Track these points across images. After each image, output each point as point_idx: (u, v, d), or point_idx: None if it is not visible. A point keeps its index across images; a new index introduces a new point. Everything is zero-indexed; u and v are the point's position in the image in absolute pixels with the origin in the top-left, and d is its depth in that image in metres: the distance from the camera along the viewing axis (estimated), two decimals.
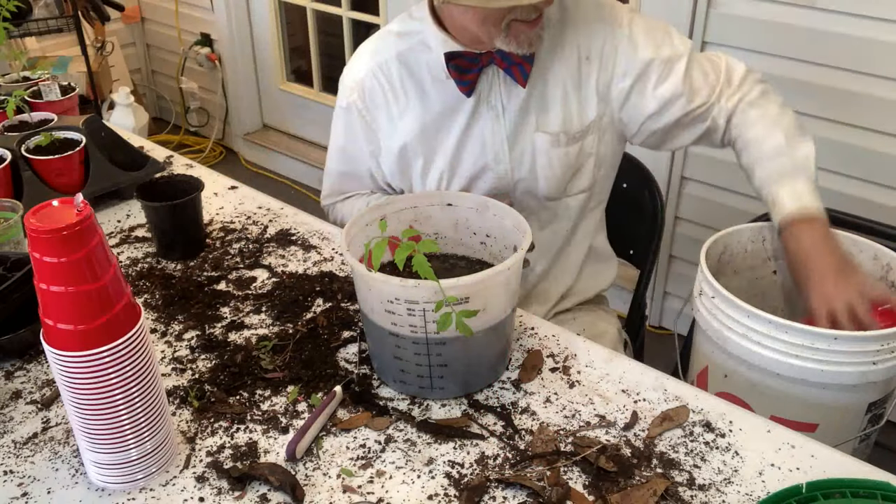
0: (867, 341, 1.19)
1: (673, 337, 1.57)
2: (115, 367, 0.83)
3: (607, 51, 1.28)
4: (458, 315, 0.89)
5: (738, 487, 0.90)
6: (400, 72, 1.33)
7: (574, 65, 1.29)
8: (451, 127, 1.33)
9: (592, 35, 1.28)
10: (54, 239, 0.76)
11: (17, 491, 0.91)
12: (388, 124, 1.36)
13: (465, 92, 1.28)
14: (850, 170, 2.04)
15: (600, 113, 1.32)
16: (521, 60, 1.24)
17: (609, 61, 1.29)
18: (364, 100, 1.36)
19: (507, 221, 1.11)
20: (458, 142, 1.33)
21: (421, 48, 1.31)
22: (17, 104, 1.54)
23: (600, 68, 1.29)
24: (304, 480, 0.92)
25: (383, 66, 1.33)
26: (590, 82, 1.30)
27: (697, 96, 1.30)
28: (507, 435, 0.98)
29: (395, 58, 1.33)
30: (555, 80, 1.30)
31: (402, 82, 1.33)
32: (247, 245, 1.40)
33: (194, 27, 3.79)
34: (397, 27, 1.35)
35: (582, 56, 1.29)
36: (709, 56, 1.35)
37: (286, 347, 1.13)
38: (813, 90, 2.02)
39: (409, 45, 1.32)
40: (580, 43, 1.28)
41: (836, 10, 1.92)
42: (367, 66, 1.35)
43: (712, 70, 1.33)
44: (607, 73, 1.29)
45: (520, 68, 1.25)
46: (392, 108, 1.35)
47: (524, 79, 1.26)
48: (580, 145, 1.33)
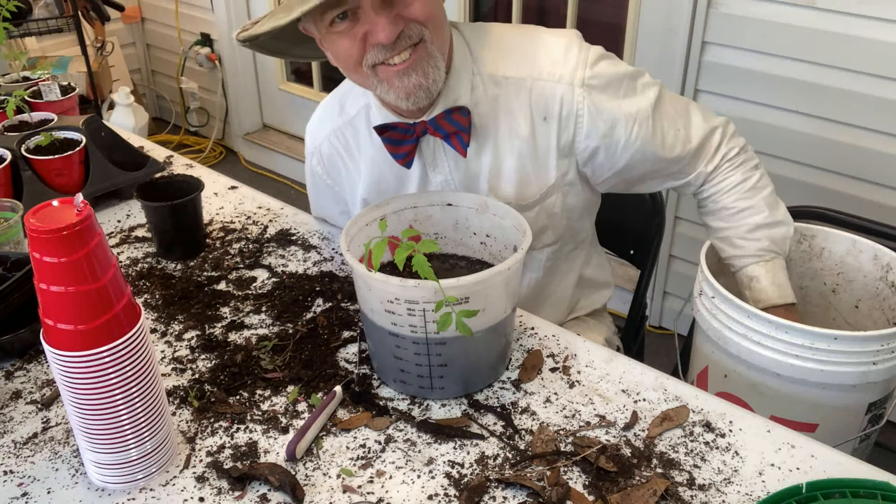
0: (867, 341, 1.19)
1: (673, 337, 1.57)
2: (115, 367, 0.83)
3: (566, 112, 1.19)
4: (458, 315, 0.89)
5: (738, 487, 0.90)
6: (354, 136, 1.30)
7: (528, 127, 1.20)
8: (403, 192, 1.29)
9: (549, 94, 1.18)
10: (54, 239, 0.76)
11: (17, 491, 0.91)
12: (350, 186, 1.35)
13: (403, 164, 1.23)
14: (849, 169, 2.04)
15: (562, 171, 1.24)
16: (457, 130, 1.17)
17: (569, 123, 1.19)
18: (324, 165, 1.36)
19: (507, 221, 1.11)
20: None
21: (367, 113, 1.27)
22: (17, 104, 1.54)
23: (560, 129, 1.20)
24: (304, 480, 0.92)
25: (337, 132, 1.32)
26: (549, 142, 1.21)
27: (670, 152, 1.23)
28: (507, 435, 0.98)
29: (349, 122, 1.30)
30: (506, 148, 1.22)
31: (357, 146, 1.31)
32: (247, 245, 1.40)
33: (194, 27, 3.80)
34: (345, 89, 1.32)
35: (537, 116, 1.20)
36: (676, 103, 1.26)
37: (286, 347, 1.13)
38: (813, 90, 2.02)
39: (357, 109, 1.28)
40: (534, 102, 1.19)
41: (836, 10, 1.92)
42: (325, 130, 1.33)
43: (682, 124, 1.25)
44: (568, 133, 1.20)
45: (458, 137, 1.18)
46: (351, 173, 1.34)
47: (464, 148, 1.19)
48: (539, 208, 1.26)
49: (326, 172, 1.37)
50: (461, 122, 1.17)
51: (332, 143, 1.33)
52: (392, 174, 1.29)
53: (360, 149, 1.31)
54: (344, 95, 1.32)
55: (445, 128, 1.17)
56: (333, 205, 1.42)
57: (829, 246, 1.45)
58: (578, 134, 1.20)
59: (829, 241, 1.44)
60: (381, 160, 1.28)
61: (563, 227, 1.32)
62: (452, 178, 1.26)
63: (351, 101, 1.30)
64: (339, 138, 1.32)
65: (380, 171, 1.29)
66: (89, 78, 3.26)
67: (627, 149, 1.22)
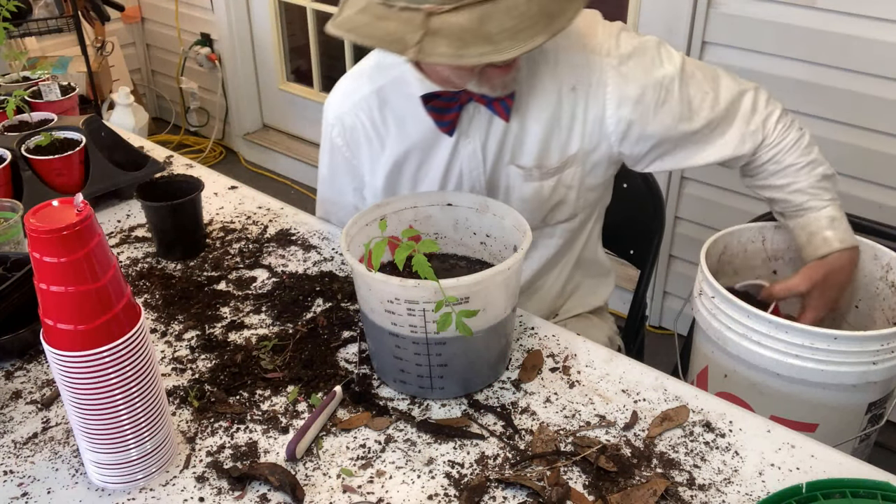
0: (867, 341, 1.19)
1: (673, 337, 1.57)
2: (115, 367, 0.83)
3: (595, 82, 1.21)
4: (458, 315, 0.89)
5: (738, 487, 0.90)
6: (380, 107, 1.29)
7: (555, 97, 1.22)
8: (433, 161, 1.29)
9: (579, 64, 1.21)
10: (54, 239, 0.76)
11: (17, 491, 0.91)
12: (370, 160, 1.34)
13: (446, 132, 1.25)
14: (849, 170, 2.04)
15: (586, 147, 1.25)
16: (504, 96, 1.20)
17: (598, 93, 1.21)
18: (345, 137, 1.34)
19: (507, 221, 1.11)
20: (443, 175, 1.30)
21: (400, 83, 1.26)
22: (17, 104, 1.54)
23: (588, 99, 1.22)
24: (304, 480, 0.92)
25: (363, 101, 1.30)
26: (576, 113, 1.23)
27: (698, 115, 1.24)
28: (507, 435, 0.98)
29: (375, 93, 1.29)
30: (534, 114, 1.23)
31: (383, 118, 1.30)
32: (247, 245, 1.40)
33: (194, 27, 3.80)
34: (376, 61, 1.31)
35: (565, 88, 1.22)
36: (703, 69, 1.26)
37: (286, 347, 1.13)
38: (813, 90, 2.02)
39: (389, 79, 1.28)
40: (563, 74, 1.21)
41: (836, 10, 1.92)
42: (351, 100, 1.32)
43: (711, 87, 1.25)
44: (598, 106, 1.22)
45: (502, 104, 1.21)
46: (374, 144, 1.32)
47: (507, 113, 1.22)
48: (557, 179, 1.28)
49: (346, 144, 1.34)
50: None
51: (357, 114, 1.31)
52: (422, 143, 1.29)
53: (386, 120, 1.30)
54: (371, 69, 1.31)
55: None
56: (349, 180, 1.39)
57: None
58: (608, 105, 1.21)
59: None
60: (413, 129, 1.28)
61: (575, 207, 1.34)
62: (483, 145, 1.26)
63: (380, 74, 1.29)
64: (364, 109, 1.30)
65: (410, 141, 1.29)
66: (89, 78, 3.26)
67: (658, 116, 1.22)
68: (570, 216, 1.35)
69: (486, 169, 1.28)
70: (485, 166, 1.28)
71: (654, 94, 1.21)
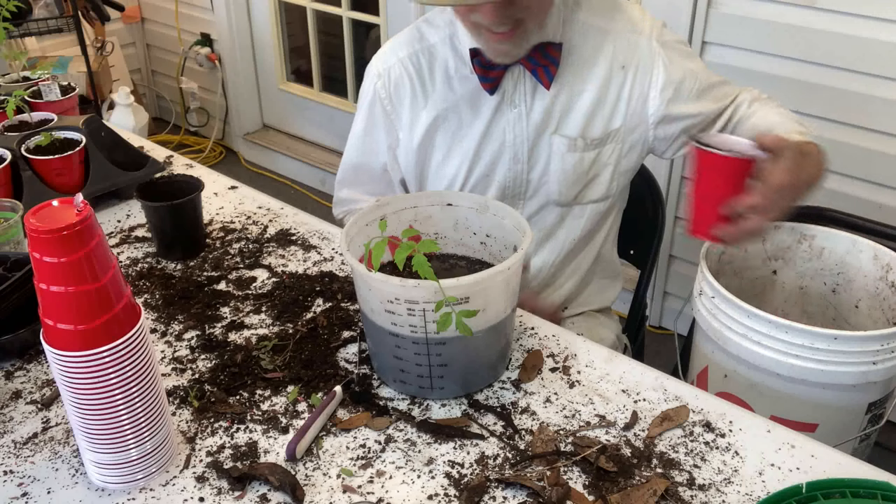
0: (867, 341, 1.19)
1: (673, 337, 1.57)
2: (115, 367, 0.83)
3: (644, 63, 1.29)
4: (458, 315, 0.89)
5: (738, 487, 0.90)
6: (430, 63, 1.34)
7: (605, 71, 1.29)
8: (474, 122, 1.33)
9: (630, 45, 1.29)
10: (54, 239, 0.76)
11: (17, 491, 0.91)
12: (411, 115, 1.36)
13: (487, 89, 1.29)
14: (850, 170, 2.04)
15: (628, 125, 1.32)
16: (547, 62, 1.26)
17: (646, 74, 1.29)
18: (388, 89, 1.36)
19: (507, 221, 1.11)
20: (481, 138, 1.33)
21: (451, 41, 1.32)
22: (17, 104, 1.54)
23: (635, 79, 1.29)
24: (304, 480, 0.92)
25: (413, 56, 1.35)
26: (623, 91, 1.30)
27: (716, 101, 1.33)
28: (507, 435, 0.98)
29: (427, 49, 1.34)
30: (584, 84, 1.30)
31: (431, 73, 1.34)
32: (247, 245, 1.40)
33: (194, 27, 3.80)
34: (430, 19, 1.36)
35: (616, 64, 1.29)
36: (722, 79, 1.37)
37: (286, 347, 1.13)
38: (813, 90, 2.02)
39: (441, 37, 1.33)
40: (616, 51, 1.29)
41: (836, 10, 1.92)
42: (397, 55, 1.36)
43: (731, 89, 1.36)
44: (643, 86, 1.30)
45: (545, 70, 1.26)
46: (418, 99, 1.35)
47: (549, 80, 1.27)
48: (597, 153, 1.33)
49: (389, 97, 1.37)
50: (553, 54, 1.26)
51: (406, 66, 1.35)
52: (465, 101, 1.33)
53: (434, 75, 1.34)
54: (425, 24, 1.36)
55: (536, 59, 1.26)
56: (384, 136, 1.40)
57: (829, 246, 1.45)
58: (654, 87, 1.29)
59: (829, 241, 1.44)
60: (459, 86, 1.33)
61: (608, 188, 1.37)
62: (527, 116, 1.31)
63: (433, 31, 1.35)
64: (413, 63, 1.35)
65: (455, 97, 1.33)
66: (89, 78, 3.26)
67: (692, 101, 1.31)
68: (602, 197, 1.37)
69: (528, 136, 1.32)
70: (528, 133, 1.32)
71: (691, 80, 1.30)
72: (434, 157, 1.37)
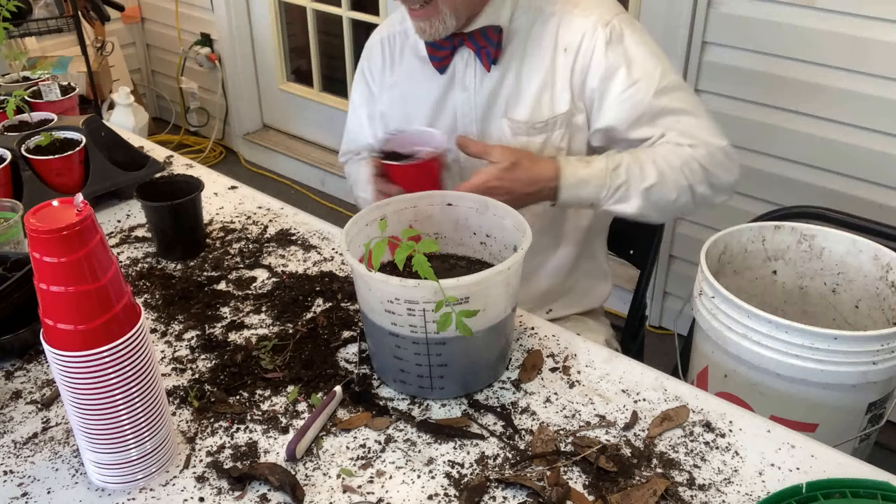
0: (867, 341, 1.19)
1: (673, 337, 1.57)
2: (115, 367, 0.83)
3: (584, 47, 1.27)
4: (458, 315, 0.89)
5: (738, 487, 0.90)
6: (402, 43, 1.42)
7: (550, 54, 1.30)
8: (425, 100, 1.38)
9: (574, 28, 1.28)
10: (54, 239, 0.76)
11: (17, 491, 0.91)
12: (379, 90, 1.46)
13: (437, 68, 1.35)
14: (849, 170, 2.04)
15: (572, 109, 1.31)
16: (487, 44, 1.29)
17: (585, 58, 1.28)
18: (369, 60, 1.48)
19: (507, 221, 1.11)
20: (430, 115, 1.38)
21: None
22: (17, 104, 1.54)
23: (574, 62, 1.29)
24: (304, 480, 0.92)
25: (391, 36, 1.44)
26: (565, 74, 1.30)
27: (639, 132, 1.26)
28: (507, 435, 0.98)
29: (403, 31, 1.42)
30: (530, 68, 1.31)
31: (401, 53, 1.42)
32: (247, 245, 1.40)
33: (194, 27, 3.80)
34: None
35: (559, 47, 1.29)
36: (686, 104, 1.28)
37: (286, 347, 1.13)
38: (813, 90, 2.02)
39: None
40: (560, 33, 1.29)
41: (836, 10, 1.92)
42: (380, 34, 1.46)
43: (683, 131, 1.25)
44: (582, 69, 1.28)
45: (486, 52, 1.30)
46: (385, 75, 1.45)
47: (489, 63, 1.31)
48: (545, 137, 1.33)
49: (369, 70, 1.48)
50: (493, 38, 1.30)
51: (383, 44, 1.45)
52: (423, 81, 1.39)
53: (403, 55, 1.43)
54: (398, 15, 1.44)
55: (478, 41, 1.30)
56: (364, 107, 1.51)
57: (829, 246, 1.45)
58: (590, 73, 1.28)
59: (829, 241, 1.45)
60: (418, 72, 1.40)
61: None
62: (474, 98, 1.35)
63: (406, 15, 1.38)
64: (389, 42, 1.44)
65: (415, 76, 1.40)
66: (89, 78, 3.26)
67: (617, 104, 1.26)
68: None
69: (477, 118, 1.36)
70: (476, 115, 1.36)
71: (623, 82, 1.25)
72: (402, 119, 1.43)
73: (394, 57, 1.44)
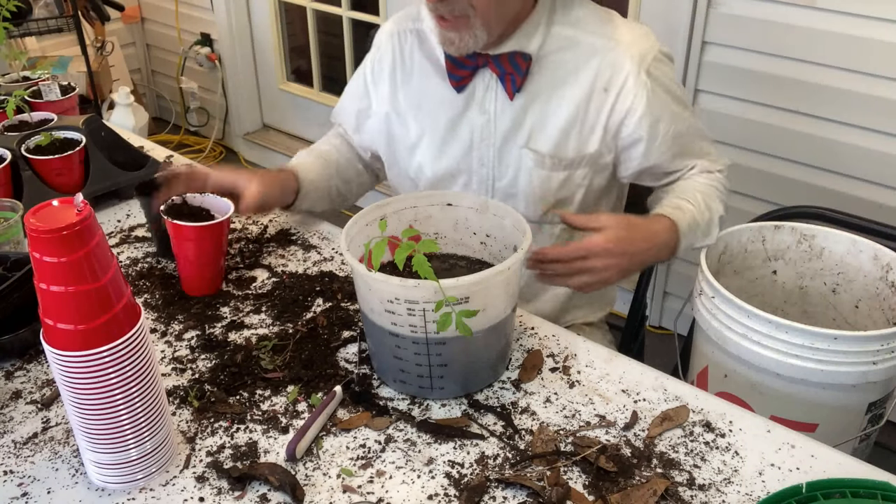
0: (867, 341, 1.19)
1: (673, 337, 1.57)
2: (115, 367, 0.83)
3: (627, 89, 1.22)
4: (458, 315, 0.89)
5: (738, 487, 0.90)
6: (416, 45, 1.35)
7: (587, 90, 1.24)
8: (441, 116, 1.32)
9: (616, 68, 1.22)
10: (54, 239, 0.76)
11: (17, 491, 0.91)
12: (390, 90, 1.38)
13: (454, 87, 1.29)
14: (849, 170, 2.04)
15: (601, 150, 1.27)
16: (513, 71, 1.23)
17: (626, 101, 1.23)
18: (374, 59, 1.41)
19: (507, 221, 1.11)
20: (445, 133, 1.33)
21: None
22: (17, 104, 1.54)
23: (615, 104, 1.24)
24: (304, 480, 0.92)
25: (402, 33, 1.36)
26: (600, 115, 1.25)
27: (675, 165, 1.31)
28: (507, 435, 0.98)
29: (417, 31, 1.35)
30: (560, 100, 1.25)
31: (412, 55, 1.35)
32: (247, 245, 1.40)
33: (194, 27, 3.80)
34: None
35: (599, 85, 1.23)
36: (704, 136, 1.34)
37: (286, 347, 1.13)
38: (813, 90, 2.02)
39: (431, 24, 1.29)
40: (601, 71, 1.23)
41: (836, 10, 1.92)
42: (392, 29, 1.38)
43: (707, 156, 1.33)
44: (620, 112, 1.24)
45: (511, 78, 1.24)
46: (397, 76, 1.37)
47: (513, 91, 1.25)
48: (568, 174, 1.29)
49: (373, 66, 1.41)
50: (520, 65, 1.23)
51: (394, 41, 1.37)
52: (437, 92, 1.32)
53: (414, 58, 1.35)
54: (420, 7, 1.36)
55: (504, 66, 1.24)
56: (356, 101, 1.45)
57: (829, 246, 1.45)
58: (630, 116, 1.24)
59: (829, 241, 1.45)
60: (433, 80, 1.33)
61: (581, 208, 1.33)
62: (494, 122, 1.29)
63: (427, 15, 1.31)
64: (400, 40, 1.37)
65: (431, 86, 1.33)
66: (89, 78, 3.26)
67: (661, 148, 1.27)
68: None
69: (495, 143, 1.30)
70: (494, 140, 1.29)
71: (667, 124, 1.25)
72: (408, 137, 1.36)
73: (405, 59, 1.36)
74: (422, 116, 1.34)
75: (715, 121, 2.20)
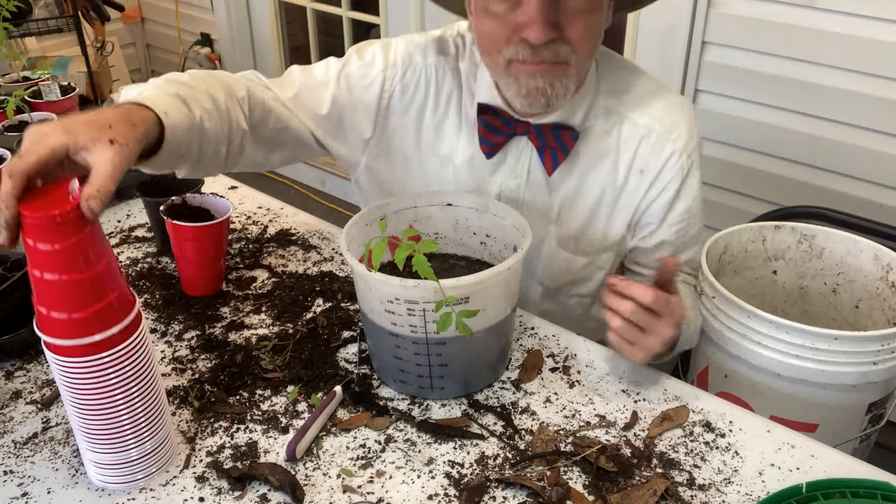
0: (867, 341, 1.19)
1: None
2: (115, 368, 0.83)
3: (664, 176, 1.16)
4: (458, 315, 0.89)
5: (738, 487, 0.90)
6: (451, 89, 1.19)
7: (623, 169, 1.17)
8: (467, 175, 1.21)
9: (658, 153, 1.15)
10: (47, 225, 0.74)
11: (17, 491, 0.91)
12: (414, 132, 1.21)
13: (485, 152, 1.17)
14: (849, 169, 2.04)
15: (626, 235, 1.23)
16: (556, 146, 1.13)
17: (660, 185, 1.17)
18: (392, 83, 1.18)
19: (507, 221, 1.11)
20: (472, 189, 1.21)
21: (471, 79, 1.19)
22: (17, 104, 1.54)
23: (650, 187, 1.17)
24: (304, 480, 0.92)
25: (441, 69, 1.19)
26: (635, 197, 1.19)
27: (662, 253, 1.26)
28: (507, 435, 0.98)
29: (454, 69, 1.19)
30: (596, 177, 1.18)
31: (449, 101, 1.20)
32: (247, 245, 1.40)
33: (194, 27, 3.80)
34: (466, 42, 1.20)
35: (635, 167, 1.16)
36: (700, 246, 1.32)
37: (286, 347, 1.13)
38: (813, 90, 2.02)
39: (467, 70, 1.19)
40: (640, 152, 1.16)
41: (836, 10, 1.92)
42: (426, 59, 1.19)
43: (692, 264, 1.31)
44: (652, 195, 1.18)
45: (552, 154, 1.14)
46: (426, 116, 1.20)
47: (553, 167, 1.15)
48: (591, 259, 1.24)
49: (395, 93, 1.19)
50: (566, 141, 1.13)
51: (428, 76, 1.18)
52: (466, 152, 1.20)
53: (451, 103, 1.19)
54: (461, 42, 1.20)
55: (547, 139, 1.13)
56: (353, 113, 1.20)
57: (829, 246, 1.45)
58: (660, 200, 1.18)
59: (829, 241, 1.45)
60: (465, 130, 1.19)
61: (599, 287, 1.28)
62: (526, 190, 1.20)
63: (465, 57, 1.19)
64: (438, 74, 1.18)
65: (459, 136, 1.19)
66: (89, 78, 3.26)
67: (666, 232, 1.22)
68: (591, 293, 1.31)
69: (520, 208, 1.20)
70: (521, 206, 1.21)
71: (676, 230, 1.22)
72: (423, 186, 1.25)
73: (439, 97, 1.19)
74: (445, 172, 1.23)
75: (715, 121, 2.20)
